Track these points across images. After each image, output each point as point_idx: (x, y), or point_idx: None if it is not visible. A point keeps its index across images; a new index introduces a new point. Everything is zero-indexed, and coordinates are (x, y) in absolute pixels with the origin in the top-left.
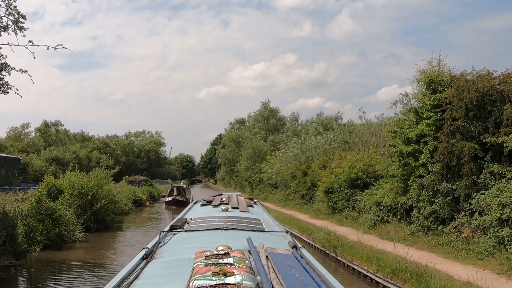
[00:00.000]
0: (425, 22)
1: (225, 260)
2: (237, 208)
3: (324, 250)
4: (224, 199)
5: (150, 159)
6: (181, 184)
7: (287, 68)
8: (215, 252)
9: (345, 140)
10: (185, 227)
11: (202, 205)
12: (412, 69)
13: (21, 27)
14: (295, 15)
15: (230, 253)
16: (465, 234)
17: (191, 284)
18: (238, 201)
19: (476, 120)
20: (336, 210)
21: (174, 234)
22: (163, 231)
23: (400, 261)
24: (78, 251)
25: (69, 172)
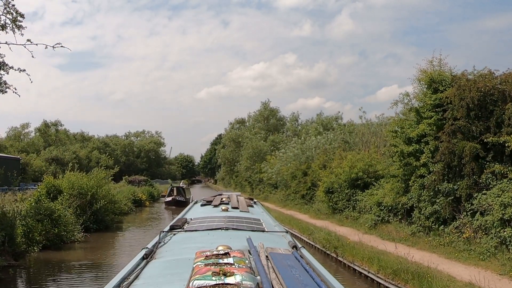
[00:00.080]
0: (425, 22)
1: (225, 260)
2: (237, 208)
3: (325, 251)
4: (224, 199)
5: (150, 159)
6: (181, 184)
7: (287, 68)
8: (215, 252)
9: (345, 140)
10: (185, 227)
11: (202, 205)
12: (412, 69)
13: (19, 26)
14: (295, 15)
15: (230, 253)
16: (467, 234)
17: (191, 284)
18: (238, 201)
19: (478, 120)
20: (336, 210)
21: (174, 234)
22: (163, 231)
23: (401, 262)
24: (78, 251)
25: (68, 172)
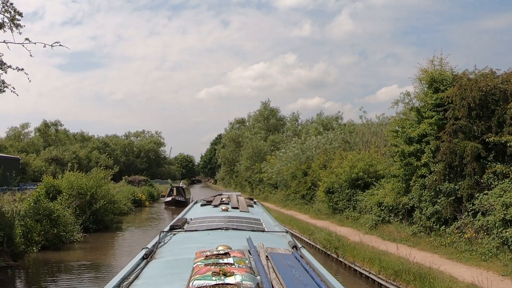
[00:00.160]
0: (425, 22)
1: (225, 260)
2: (237, 208)
3: (325, 251)
4: (224, 199)
5: (150, 159)
6: (181, 184)
7: (287, 68)
8: (215, 252)
9: (345, 140)
10: (185, 227)
11: (202, 205)
12: (412, 69)
13: (18, 25)
14: (295, 15)
15: (230, 253)
16: (468, 234)
17: (191, 284)
18: (238, 201)
19: (479, 120)
20: (336, 210)
21: (174, 234)
22: (163, 231)
23: (402, 263)
24: (77, 251)
25: (67, 172)
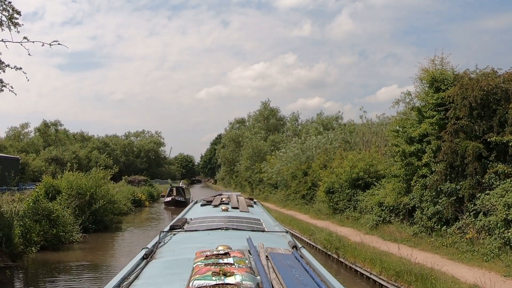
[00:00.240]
0: (425, 22)
1: (225, 260)
2: (237, 208)
3: (326, 252)
4: (224, 199)
5: (149, 159)
6: (181, 184)
7: (287, 68)
8: (215, 252)
9: (346, 140)
10: (185, 227)
11: (202, 205)
12: (412, 69)
13: (16, 23)
14: (295, 15)
15: (230, 253)
16: (470, 235)
17: (191, 284)
18: (238, 201)
19: (480, 119)
20: (337, 210)
21: (174, 234)
22: (163, 231)
23: (404, 263)
24: (76, 252)
25: (67, 172)
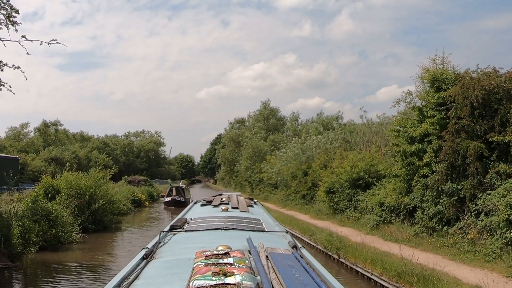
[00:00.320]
0: (425, 22)
1: (225, 260)
2: (237, 208)
3: (326, 252)
4: (224, 199)
5: (149, 159)
6: (180, 184)
7: (287, 68)
8: (215, 252)
9: (346, 140)
10: (185, 227)
11: (202, 205)
12: (412, 69)
13: (14, 22)
14: (295, 15)
15: (230, 253)
16: (471, 235)
17: (191, 284)
18: (238, 201)
19: (482, 119)
20: (337, 210)
21: (174, 234)
22: (163, 231)
23: (405, 264)
24: (75, 252)
25: (66, 172)
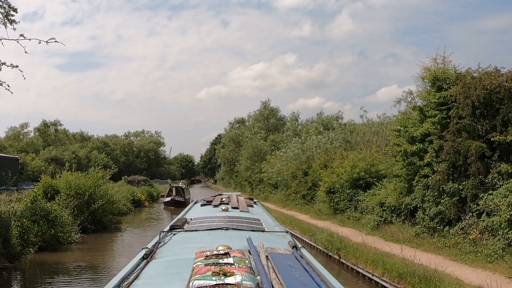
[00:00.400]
0: (425, 22)
1: (225, 260)
2: (237, 208)
3: (327, 252)
4: (224, 199)
5: (149, 159)
6: (180, 184)
7: (287, 68)
8: (215, 252)
9: (346, 140)
10: (185, 227)
11: (202, 205)
12: (412, 69)
13: (12, 20)
14: (295, 15)
15: (230, 253)
16: (473, 235)
17: (191, 284)
18: (238, 201)
19: (483, 118)
20: (338, 210)
21: (174, 234)
22: (163, 231)
23: (407, 264)
24: (75, 252)
25: (65, 172)
